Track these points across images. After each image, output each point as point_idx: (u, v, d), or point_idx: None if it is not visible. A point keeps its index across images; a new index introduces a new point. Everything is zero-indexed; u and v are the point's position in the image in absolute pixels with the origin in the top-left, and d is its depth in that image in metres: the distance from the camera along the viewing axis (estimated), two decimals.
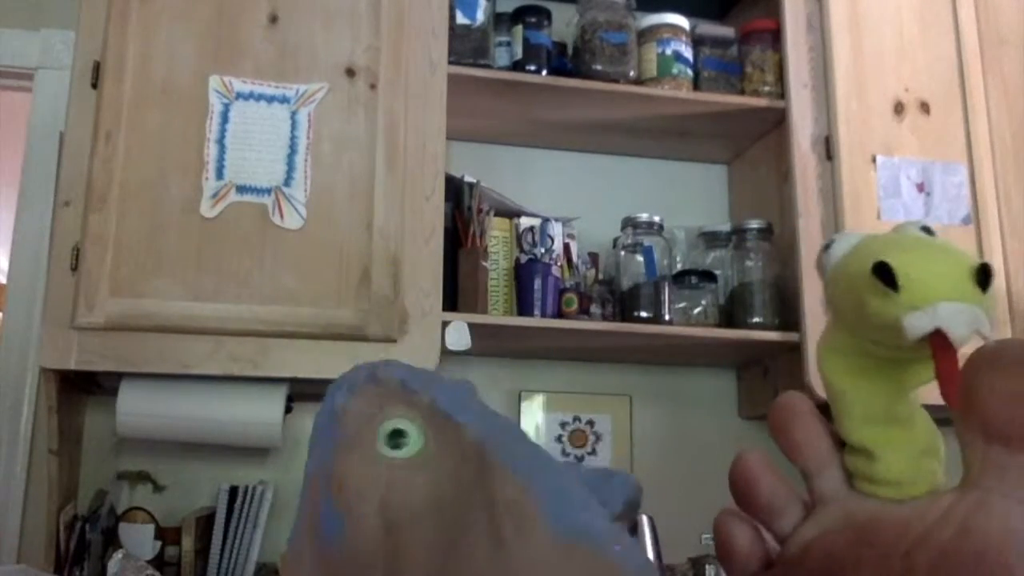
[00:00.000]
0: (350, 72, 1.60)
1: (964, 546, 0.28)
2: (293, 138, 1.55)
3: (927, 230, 0.33)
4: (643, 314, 1.73)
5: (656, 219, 1.81)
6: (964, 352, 0.30)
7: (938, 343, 0.30)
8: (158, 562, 1.59)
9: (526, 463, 0.30)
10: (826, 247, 0.35)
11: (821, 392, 0.36)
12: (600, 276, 1.85)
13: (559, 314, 1.72)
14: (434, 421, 0.31)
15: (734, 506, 0.35)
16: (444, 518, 0.30)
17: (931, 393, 0.31)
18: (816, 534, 0.32)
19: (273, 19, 1.59)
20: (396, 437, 0.32)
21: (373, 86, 1.60)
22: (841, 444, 0.33)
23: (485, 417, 0.32)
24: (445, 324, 1.57)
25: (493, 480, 0.29)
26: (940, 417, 0.34)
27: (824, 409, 0.36)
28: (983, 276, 0.30)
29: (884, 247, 0.32)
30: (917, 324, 0.30)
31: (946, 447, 0.34)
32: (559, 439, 1.92)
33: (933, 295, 0.30)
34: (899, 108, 1.80)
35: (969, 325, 0.30)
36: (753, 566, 0.33)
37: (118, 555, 1.44)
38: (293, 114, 1.56)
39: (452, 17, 1.71)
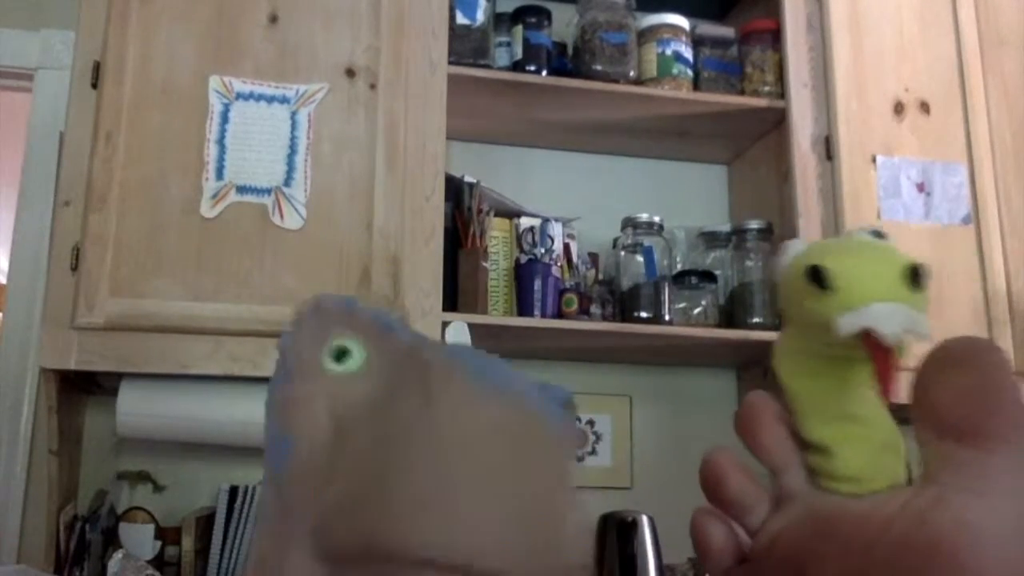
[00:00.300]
0: (350, 72, 1.60)
1: (919, 539, 0.28)
2: (293, 138, 1.55)
3: (878, 234, 0.34)
4: (643, 314, 1.73)
5: (656, 219, 1.81)
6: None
7: (871, 342, 0.31)
8: (158, 562, 1.59)
9: (459, 351, 0.32)
10: (780, 253, 0.36)
11: None
12: (600, 276, 1.85)
13: (559, 314, 1.72)
14: (375, 336, 0.33)
15: (709, 505, 0.36)
16: (382, 406, 0.31)
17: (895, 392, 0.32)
18: (781, 528, 0.33)
19: (273, 19, 1.59)
20: (340, 355, 0.33)
21: (373, 86, 1.60)
22: (804, 442, 0.34)
23: (424, 336, 0.34)
24: (445, 324, 1.57)
25: (428, 363, 0.31)
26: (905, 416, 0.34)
27: None
28: (915, 276, 0.32)
29: (822, 251, 0.33)
30: (847, 324, 0.31)
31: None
32: None
33: (864, 295, 0.31)
34: (899, 108, 1.80)
35: (899, 324, 0.31)
36: (727, 561, 0.34)
37: (118, 555, 1.45)
38: (293, 114, 1.56)
39: (452, 17, 1.71)
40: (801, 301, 0.33)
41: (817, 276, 0.32)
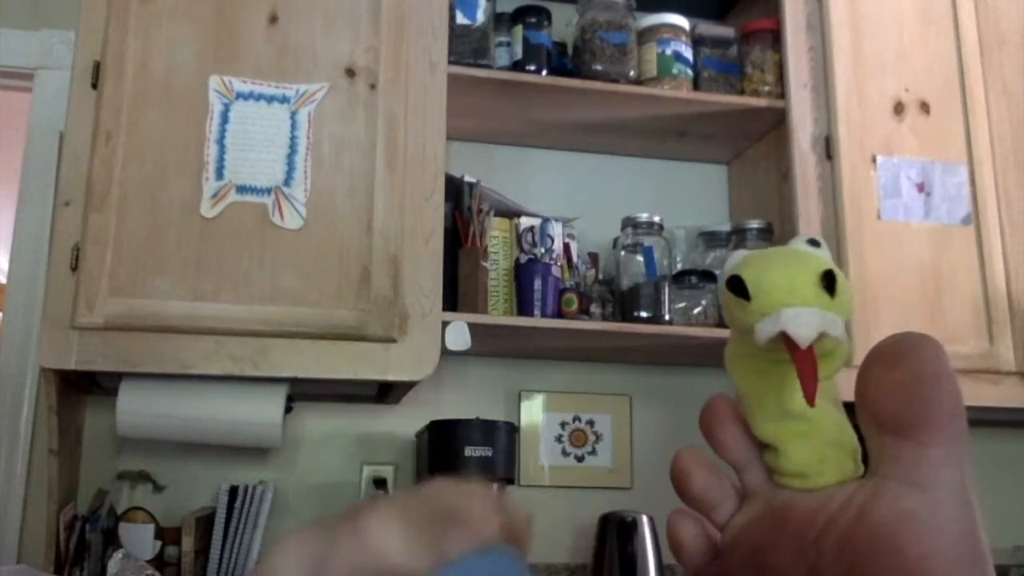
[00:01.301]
0: (350, 72, 1.60)
1: (863, 530, 0.30)
2: (293, 138, 1.55)
3: (814, 242, 0.36)
4: (643, 314, 1.73)
5: (656, 219, 1.81)
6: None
7: (789, 345, 0.33)
8: (158, 562, 1.59)
9: None
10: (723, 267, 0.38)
11: None
12: (600, 276, 1.85)
13: (559, 314, 1.72)
14: None
15: (682, 505, 0.37)
16: None
17: (849, 390, 0.33)
18: (744, 523, 0.35)
19: (273, 19, 1.59)
20: None
21: (373, 86, 1.60)
22: (758, 440, 0.36)
23: None
24: (445, 324, 1.57)
25: None
26: None
27: None
28: (828, 281, 0.33)
29: (746, 261, 0.35)
30: (764, 329, 0.33)
31: None
32: (559, 439, 1.92)
33: (777, 302, 0.33)
34: (899, 108, 1.80)
35: (812, 327, 0.32)
36: (699, 557, 0.36)
37: (118, 555, 1.45)
38: (293, 114, 1.56)
39: (452, 17, 1.71)
40: (729, 310, 0.35)
41: (736, 286, 0.34)
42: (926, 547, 0.29)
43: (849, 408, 0.34)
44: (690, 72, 1.84)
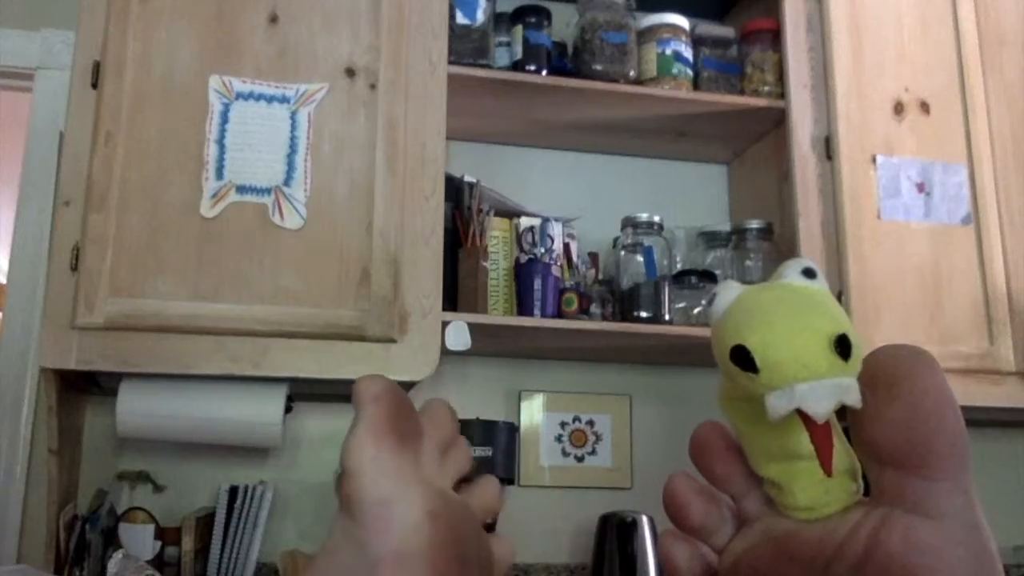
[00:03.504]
0: (350, 72, 1.60)
1: (874, 559, 0.30)
2: (293, 138, 1.55)
3: (809, 272, 0.34)
4: (643, 314, 1.73)
5: (656, 219, 1.81)
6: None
7: (805, 417, 0.31)
8: (158, 562, 1.59)
9: None
10: (710, 301, 0.36)
11: None
12: (600, 276, 1.85)
13: (559, 314, 1.72)
14: None
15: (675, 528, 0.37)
16: None
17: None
18: (744, 549, 0.35)
19: (273, 19, 1.59)
20: None
21: (373, 86, 1.60)
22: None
23: None
24: (445, 324, 1.57)
25: None
26: None
27: None
28: (842, 347, 0.31)
29: (745, 319, 0.33)
30: (777, 405, 0.31)
31: None
32: (559, 439, 1.92)
33: (790, 376, 0.31)
34: (899, 108, 1.80)
35: (828, 399, 0.30)
36: None
37: (118, 555, 1.45)
38: (293, 114, 1.56)
39: (452, 17, 1.71)
40: (732, 377, 0.33)
41: (741, 357, 0.32)
42: None
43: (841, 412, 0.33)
44: (690, 72, 1.84)
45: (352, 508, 0.35)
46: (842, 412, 0.32)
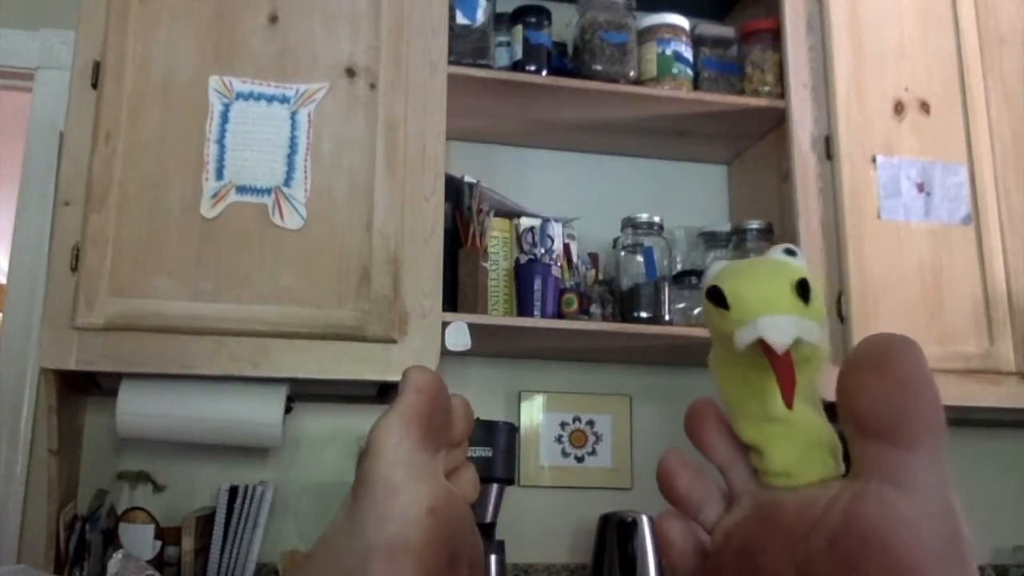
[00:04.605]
0: (350, 72, 1.60)
1: (852, 530, 0.31)
2: (293, 138, 1.55)
3: (790, 251, 0.37)
4: (643, 314, 1.73)
5: (656, 219, 1.81)
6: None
7: (767, 351, 0.34)
8: (158, 562, 1.59)
9: None
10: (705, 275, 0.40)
11: None
12: (600, 276, 1.85)
13: (559, 314, 1.72)
14: None
15: (671, 507, 0.39)
16: None
17: (831, 391, 0.33)
18: (733, 523, 0.36)
19: (273, 19, 1.59)
20: None
21: (373, 86, 1.60)
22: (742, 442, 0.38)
23: None
24: (445, 324, 1.57)
25: None
26: None
27: None
28: (802, 289, 0.35)
29: (724, 272, 0.37)
30: (742, 336, 0.35)
31: None
32: (559, 439, 1.92)
33: (754, 310, 0.35)
34: (899, 108, 1.80)
35: (788, 333, 0.34)
36: (688, 558, 0.37)
37: (118, 555, 1.44)
38: (293, 114, 1.56)
39: (452, 17, 1.71)
40: (710, 319, 0.38)
41: (715, 296, 0.36)
42: (917, 551, 0.29)
43: (829, 407, 0.34)
44: (690, 72, 1.84)
45: (361, 487, 0.36)
46: (832, 412, 0.34)
